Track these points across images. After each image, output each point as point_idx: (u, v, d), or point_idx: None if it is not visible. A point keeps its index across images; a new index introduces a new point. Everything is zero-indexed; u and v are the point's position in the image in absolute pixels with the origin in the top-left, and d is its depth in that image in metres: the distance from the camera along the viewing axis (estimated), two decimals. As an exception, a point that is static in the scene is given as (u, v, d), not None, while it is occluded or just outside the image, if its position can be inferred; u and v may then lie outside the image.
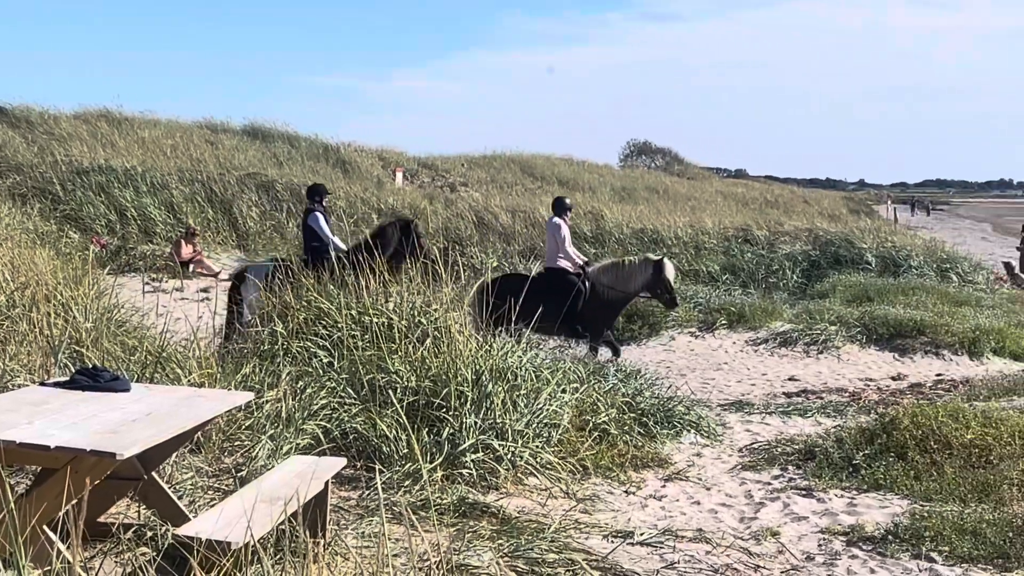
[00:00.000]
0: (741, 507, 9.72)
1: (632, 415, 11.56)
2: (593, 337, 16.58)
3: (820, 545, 8.65)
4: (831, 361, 18.50)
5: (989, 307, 23.36)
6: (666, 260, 17.21)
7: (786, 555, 8.30)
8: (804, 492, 10.16)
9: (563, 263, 16.38)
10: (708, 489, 10.26)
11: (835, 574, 7.96)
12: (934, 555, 8.33)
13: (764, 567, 7.91)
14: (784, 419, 13.41)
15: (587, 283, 16.24)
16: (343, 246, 16.72)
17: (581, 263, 16.57)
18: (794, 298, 25.93)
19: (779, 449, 11.56)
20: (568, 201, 17.27)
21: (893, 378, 17.25)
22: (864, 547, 8.60)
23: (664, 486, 10.21)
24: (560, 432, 10.22)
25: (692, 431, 12.11)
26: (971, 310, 22.17)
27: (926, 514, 9.06)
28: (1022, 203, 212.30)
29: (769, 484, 10.50)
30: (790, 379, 17.09)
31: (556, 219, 16.62)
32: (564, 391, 10.79)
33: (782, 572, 7.86)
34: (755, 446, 11.89)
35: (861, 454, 10.79)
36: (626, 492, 9.83)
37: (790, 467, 11.05)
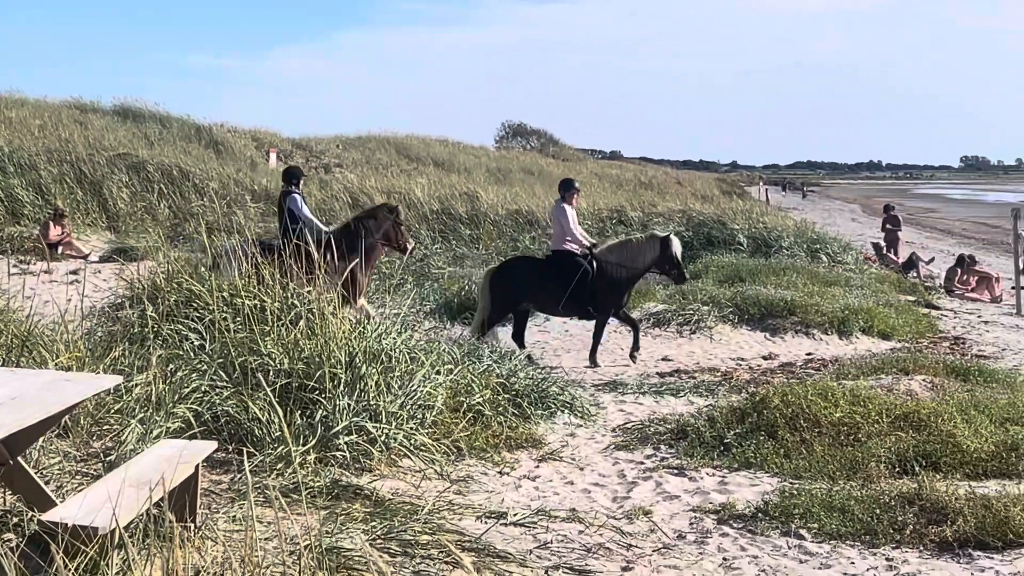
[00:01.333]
0: (614, 487, 9.79)
1: (506, 396, 11.56)
2: (602, 314, 16.72)
3: (691, 523, 8.74)
4: (703, 341, 18.65)
5: (858, 287, 23.71)
6: (672, 236, 17.32)
7: (658, 534, 8.38)
8: (676, 471, 10.25)
9: (570, 245, 16.47)
10: (581, 469, 10.31)
11: (706, 552, 8.04)
12: (803, 532, 8.46)
13: (636, 546, 7.97)
14: (657, 399, 13.51)
15: (595, 263, 16.33)
16: (324, 228, 16.69)
17: (588, 244, 16.65)
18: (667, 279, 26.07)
19: (652, 429, 11.65)
20: (576, 184, 17.33)
21: (764, 357, 17.46)
22: (735, 525, 8.71)
23: (538, 466, 10.25)
24: (434, 414, 10.20)
25: (566, 411, 12.15)
26: (841, 290, 22.52)
27: (795, 492, 9.19)
28: (890, 185, 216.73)
29: (642, 463, 10.58)
30: (663, 359, 17.21)
31: (562, 203, 16.68)
32: (438, 372, 10.77)
33: (654, 550, 7.92)
34: (628, 426, 11.97)
35: (732, 433, 10.91)
36: (500, 473, 9.85)
37: (662, 446, 11.14)
